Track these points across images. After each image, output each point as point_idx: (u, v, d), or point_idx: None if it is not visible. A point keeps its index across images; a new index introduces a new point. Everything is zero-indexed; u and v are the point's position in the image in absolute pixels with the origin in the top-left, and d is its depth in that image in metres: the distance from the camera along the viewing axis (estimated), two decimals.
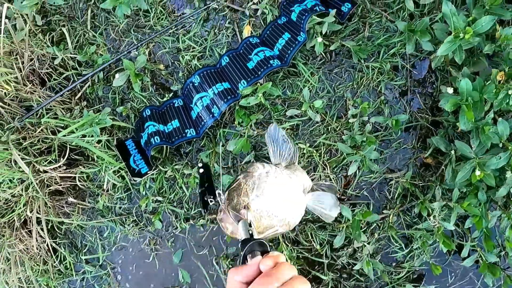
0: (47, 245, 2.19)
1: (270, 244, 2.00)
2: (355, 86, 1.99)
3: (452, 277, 2.06)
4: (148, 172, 2.01)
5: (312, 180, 1.80)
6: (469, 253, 1.98)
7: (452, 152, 1.82)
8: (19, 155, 1.96)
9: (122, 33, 2.16)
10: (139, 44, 2.05)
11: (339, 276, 2.05)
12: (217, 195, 1.29)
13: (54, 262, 2.24)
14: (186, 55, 2.05)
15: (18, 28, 2.13)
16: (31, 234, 2.19)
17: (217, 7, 2.07)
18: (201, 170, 1.35)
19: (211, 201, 1.33)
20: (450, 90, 1.81)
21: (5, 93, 2.06)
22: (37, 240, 2.19)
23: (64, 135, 1.96)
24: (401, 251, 2.01)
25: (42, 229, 2.15)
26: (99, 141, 2.03)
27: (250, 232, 1.11)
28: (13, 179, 2.08)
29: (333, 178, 1.99)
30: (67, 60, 2.13)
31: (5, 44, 2.06)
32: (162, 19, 2.11)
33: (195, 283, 2.13)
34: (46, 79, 2.17)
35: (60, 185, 2.13)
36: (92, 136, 1.98)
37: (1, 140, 1.99)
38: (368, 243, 1.96)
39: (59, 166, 2.06)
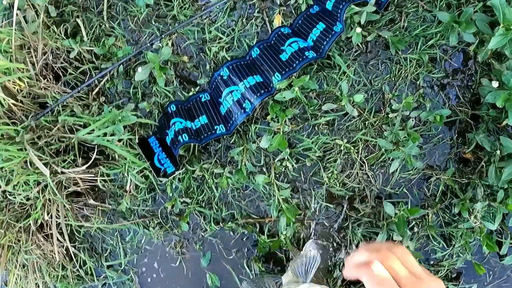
0: (66, 249, 2.07)
1: None
2: (392, 79, 1.89)
3: (490, 275, 2.00)
4: (175, 172, 1.90)
5: None
6: (508, 251, 1.93)
7: (498, 152, 1.74)
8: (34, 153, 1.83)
9: (142, 24, 2.02)
10: (162, 36, 1.92)
11: None
12: None
13: (74, 267, 2.12)
14: (213, 46, 1.93)
15: (30, 19, 1.98)
16: (48, 239, 2.07)
17: None
18: None
19: None
20: (495, 84, 1.73)
21: (17, 90, 1.92)
22: (52, 244, 2.07)
23: (85, 134, 1.83)
24: (441, 249, 1.94)
25: (60, 233, 2.03)
26: (119, 140, 1.91)
27: None
28: (29, 181, 1.95)
29: (371, 176, 1.90)
30: (83, 53, 1.99)
31: (16, 37, 1.92)
32: (185, 8, 1.98)
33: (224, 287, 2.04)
34: (61, 74, 2.03)
35: (79, 186, 2.00)
36: (113, 134, 1.85)
37: (15, 141, 1.86)
38: (409, 240, 1.88)
39: (77, 166, 1.94)
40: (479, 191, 1.81)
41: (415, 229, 1.93)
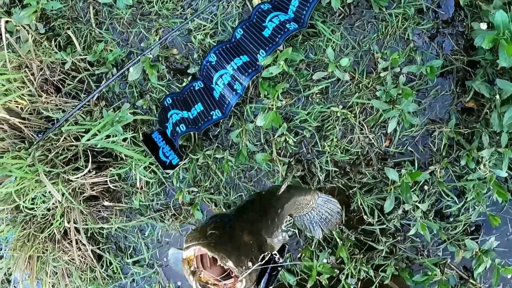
0: (92, 252, 2.15)
1: None
2: (380, 37, 1.86)
3: None
4: (180, 163, 1.94)
5: None
6: None
7: (497, 96, 1.68)
8: (45, 170, 1.90)
9: (129, 24, 2.06)
10: (153, 47, 1.92)
11: (394, 240, 1.96)
12: None
13: (102, 268, 2.20)
14: (198, 34, 1.95)
15: (23, 40, 2.05)
16: (76, 244, 2.16)
17: None
18: None
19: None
20: (483, 26, 1.66)
21: (21, 108, 2.00)
22: (80, 250, 2.15)
23: (88, 139, 1.88)
24: (455, 204, 1.90)
25: (85, 237, 2.11)
26: (124, 139, 1.96)
27: None
28: (46, 193, 2.03)
29: (372, 138, 1.88)
30: (78, 63, 2.05)
31: (12, 59, 1.99)
32: (166, 2, 2.00)
33: None
34: (61, 86, 2.10)
35: (94, 190, 2.07)
36: (116, 135, 1.90)
37: (27, 162, 1.93)
38: (420, 202, 1.85)
39: (89, 171, 2.00)
40: (484, 138, 1.75)
41: (425, 188, 1.89)
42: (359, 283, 2.01)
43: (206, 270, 1.05)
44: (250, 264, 1.03)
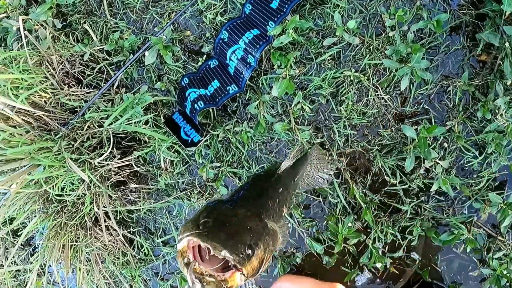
0: (123, 236, 2.21)
1: None
2: None
3: None
4: (201, 139, 1.99)
5: None
6: None
7: (507, 44, 1.69)
8: (71, 158, 1.97)
9: (142, 12, 2.13)
10: (165, 27, 1.99)
11: (418, 200, 1.97)
12: None
13: (133, 251, 2.26)
14: (209, 14, 2.00)
15: (41, 37, 2.14)
16: (107, 230, 2.22)
17: None
18: None
19: None
20: None
21: (44, 101, 2.07)
22: (112, 235, 2.21)
23: (111, 123, 1.95)
24: (476, 159, 1.90)
25: (115, 222, 2.17)
26: (146, 122, 2.03)
27: None
28: (74, 180, 2.10)
29: (388, 99, 1.91)
30: (96, 54, 2.13)
31: (33, 56, 2.08)
32: None
33: None
34: (81, 78, 2.18)
35: (120, 174, 2.14)
36: (137, 118, 1.97)
37: (53, 151, 2.00)
38: (440, 159, 1.87)
39: (114, 157, 2.07)
40: (498, 88, 1.76)
41: (445, 145, 1.91)
42: (387, 247, 2.03)
43: (205, 262, 0.99)
44: (249, 251, 0.97)
